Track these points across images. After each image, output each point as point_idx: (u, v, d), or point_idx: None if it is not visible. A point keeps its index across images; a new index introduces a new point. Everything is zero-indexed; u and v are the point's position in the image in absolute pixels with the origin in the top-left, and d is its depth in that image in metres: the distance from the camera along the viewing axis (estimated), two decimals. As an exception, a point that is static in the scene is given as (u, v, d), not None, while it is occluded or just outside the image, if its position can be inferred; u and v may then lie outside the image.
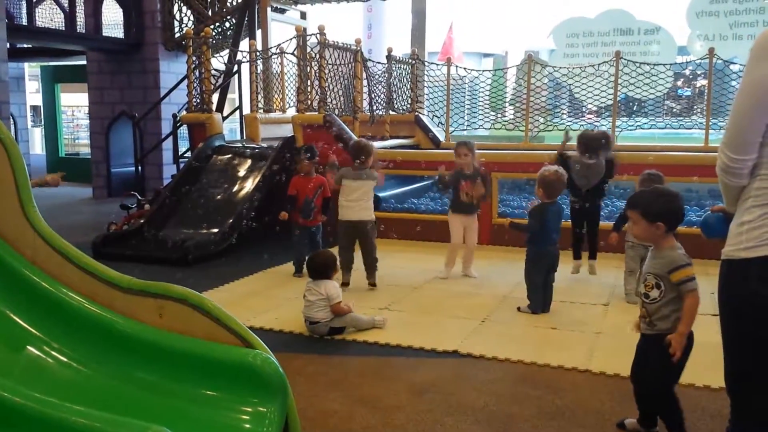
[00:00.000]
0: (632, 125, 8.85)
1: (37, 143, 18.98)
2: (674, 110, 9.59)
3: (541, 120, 9.14)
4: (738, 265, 1.88)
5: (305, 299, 4.28)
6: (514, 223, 5.16)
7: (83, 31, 10.69)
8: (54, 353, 2.36)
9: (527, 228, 4.84)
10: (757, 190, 1.86)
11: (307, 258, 4.72)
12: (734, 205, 1.99)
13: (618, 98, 8.34)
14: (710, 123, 7.90)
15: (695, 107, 9.55)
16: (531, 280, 4.75)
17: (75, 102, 16.10)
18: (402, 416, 3.10)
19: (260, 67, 9.05)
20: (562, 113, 9.92)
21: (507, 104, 10.11)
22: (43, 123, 15.65)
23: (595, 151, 5.41)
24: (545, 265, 4.73)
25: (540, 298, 4.70)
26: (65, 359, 2.35)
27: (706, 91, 8.12)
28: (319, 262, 4.37)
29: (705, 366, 2.92)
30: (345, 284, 5.18)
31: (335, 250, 5.02)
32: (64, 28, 10.37)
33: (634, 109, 9.40)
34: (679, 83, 9.79)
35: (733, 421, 2.03)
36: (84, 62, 12.16)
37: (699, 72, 9.39)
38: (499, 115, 9.98)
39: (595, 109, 9.52)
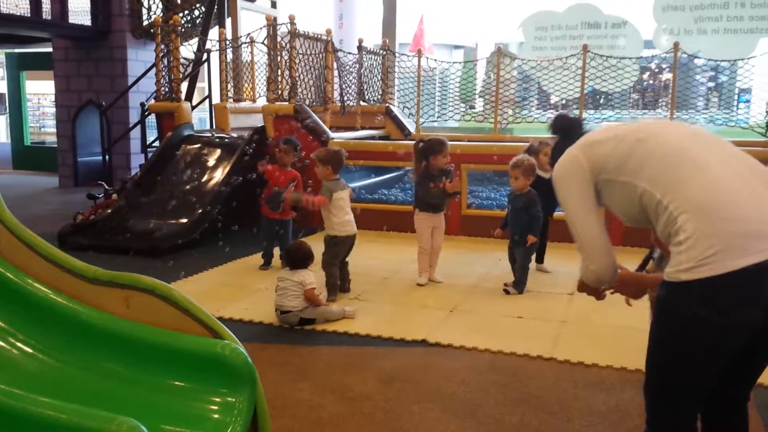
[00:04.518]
0: (599, 118, 9.00)
1: (1, 132, 18.60)
2: (640, 103, 9.75)
3: (510, 112, 9.23)
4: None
5: (277, 288, 4.29)
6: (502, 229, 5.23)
7: (49, 17, 10.49)
8: (19, 344, 2.34)
9: (536, 219, 4.98)
10: (669, 216, 1.85)
11: (284, 250, 4.69)
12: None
13: (585, 91, 8.45)
14: (674, 115, 8.05)
15: (660, 100, 9.72)
16: (527, 265, 5.04)
17: (41, 90, 15.78)
18: (371, 405, 3.14)
19: (230, 56, 8.98)
20: (531, 105, 10.01)
21: (477, 96, 10.18)
22: (8, 111, 15.32)
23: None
24: (536, 248, 5.20)
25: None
26: (31, 350, 2.33)
27: (671, 84, 8.27)
28: (298, 253, 4.33)
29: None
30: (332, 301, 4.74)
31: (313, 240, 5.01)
32: (29, 15, 10.16)
33: (601, 101, 9.54)
34: (645, 76, 9.94)
35: (648, 430, 2.03)
36: (50, 49, 11.94)
37: (664, 66, 9.54)
38: (469, 107, 10.04)
39: (562, 101, 9.64)
